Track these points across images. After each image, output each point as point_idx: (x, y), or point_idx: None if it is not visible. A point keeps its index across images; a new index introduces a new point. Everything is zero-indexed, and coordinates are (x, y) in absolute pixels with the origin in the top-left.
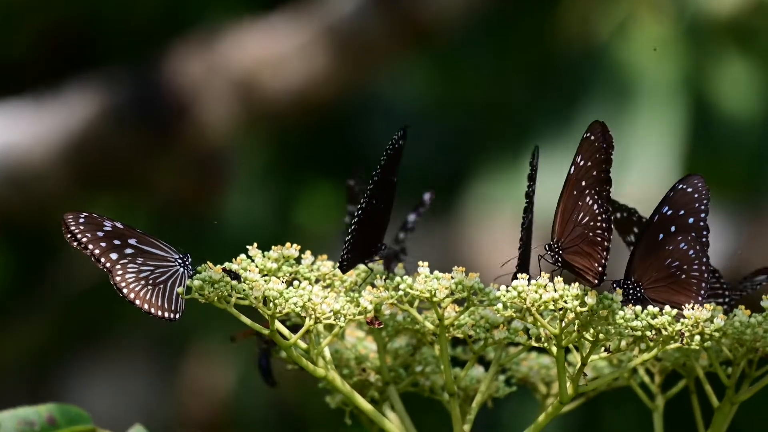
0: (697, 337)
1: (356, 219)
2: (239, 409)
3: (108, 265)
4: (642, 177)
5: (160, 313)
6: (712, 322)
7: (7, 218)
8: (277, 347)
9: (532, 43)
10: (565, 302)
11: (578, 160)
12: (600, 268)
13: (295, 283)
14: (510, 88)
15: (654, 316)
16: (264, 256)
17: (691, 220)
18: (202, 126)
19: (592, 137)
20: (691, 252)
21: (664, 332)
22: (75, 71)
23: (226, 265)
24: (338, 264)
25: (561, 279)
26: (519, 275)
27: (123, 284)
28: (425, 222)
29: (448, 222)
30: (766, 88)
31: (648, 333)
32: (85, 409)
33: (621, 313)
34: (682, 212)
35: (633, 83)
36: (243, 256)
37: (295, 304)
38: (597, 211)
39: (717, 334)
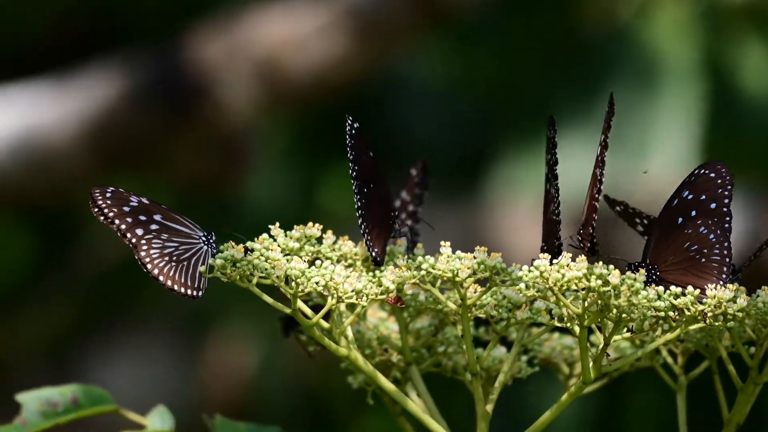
0: (720, 318)
1: (358, 211)
2: (261, 390)
3: (133, 240)
4: (662, 158)
5: (182, 290)
6: (735, 302)
7: (28, 199)
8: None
9: (553, 23)
10: (588, 281)
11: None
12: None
13: (317, 262)
14: (531, 70)
15: (677, 296)
16: (286, 236)
17: (713, 205)
18: (222, 107)
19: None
20: (711, 236)
21: (686, 312)
22: (96, 52)
23: (249, 244)
24: (372, 260)
25: (584, 258)
26: (541, 255)
27: (147, 260)
28: (448, 204)
29: (470, 204)
30: None
31: (671, 313)
32: (108, 391)
33: (644, 293)
34: (703, 197)
35: (654, 65)
36: (265, 235)
37: (317, 283)
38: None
39: (740, 315)
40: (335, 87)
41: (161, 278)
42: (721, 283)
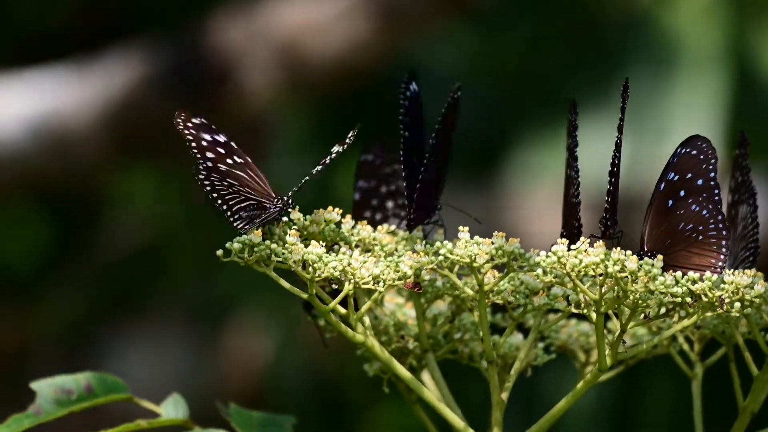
0: (737, 304)
1: (422, 178)
2: (276, 379)
3: (203, 162)
4: None
5: (232, 218)
6: (752, 288)
7: (47, 185)
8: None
9: (574, 9)
10: (606, 267)
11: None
12: (721, 263)
13: (335, 247)
14: (551, 56)
15: (694, 282)
16: (306, 220)
17: (700, 181)
18: (243, 93)
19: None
20: (704, 212)
21: (704, 299)
22: (116, 38)
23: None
24: (405, 223)
25: (602, 244)
26: (559, 240)
27: (208, 184)
28: (468, 189)
29: (489, 190)
30: None
31: (688, 299)
32: (123, 379)
33: (661, 278)
34: (689, 175)
35: (675, 51)
36: (285, 219)
37: (334, 268)
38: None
39: (757, 301)
40: (356, 72)
41: (216, 198)
42: (723, 256)
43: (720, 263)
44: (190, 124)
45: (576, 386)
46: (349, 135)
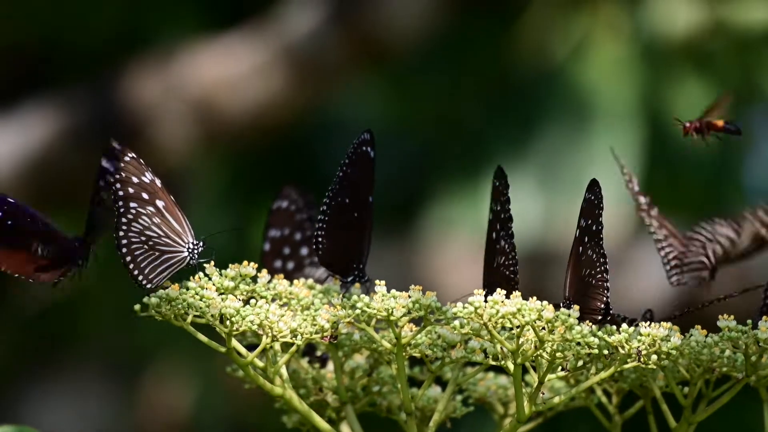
0: (654, 356)
1: (320, 223)
2: (197, 429)
3: (122, 209)
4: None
5: (138, 275)
6: (668, 340)
7: None
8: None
9: (489, 63)
10: (523, 316)
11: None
12: (603, 306)
13: (252, 301)
14: (467, 109)
15: (611, 334)
16: (221, 275)
17: (594, 227)
18: (158, 147)
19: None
20: (593, 255)
21: (620, 350)
22: (33, 90)
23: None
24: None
25: (518, 294)
26: (476, 291)
27: (122, 233)
28: (384, 243)
29: (405, 243)
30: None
31: (605, 351)
32: (41, 430)
33: (578, 328)
34: (590, 221)
35: (589, 104)
36: (200, 274)
37: (251, 322)
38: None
39: (674, 353)
40: (272, 127)
41: (126, 255)
42: (606, 298)
43: (602, 306)
44: (122, 164)
45: None
46: None
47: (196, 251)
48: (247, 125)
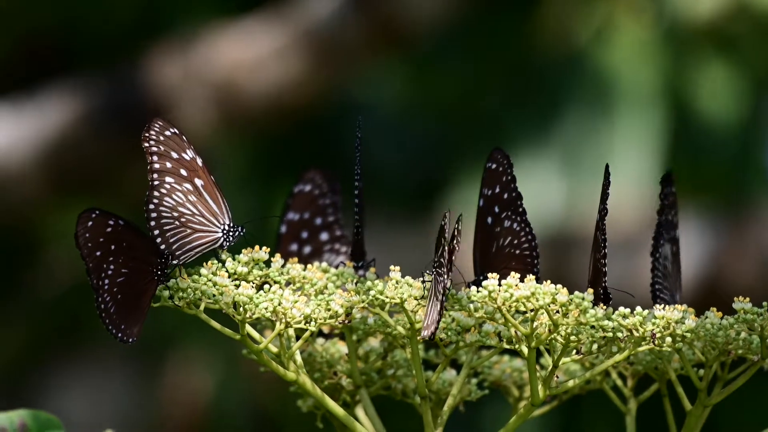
0: (669, 339)
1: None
2: (218, 415)
3: (156, 182)
4: (621, 183)
5: (164, 249)
6: (683, 323)
7: None
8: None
9: (510, 47)
10: (537, 300)
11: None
12: (602, 290)
13: (266, 287)
14: (487, 93)
15: (625, 317)
16: (234, 260)
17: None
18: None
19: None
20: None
21: (635, 333)
22: (52, 76)
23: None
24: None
25: (533, 278)
26: (490, 275)
27: (152, 206)
28: (404, 226)
29: (426, 226)
30: (745, 92)
31: (619, 334)
32: (61, 416)
33: (592, 311)
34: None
35: (612, 88)
36: (214, 259)
37: (265, 308)
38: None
39: (689, 336)
40: (292, 110)
41: (154, 228)
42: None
43: (601, 290)
44: (162, 137)
45: (509, 421)
46: None
47: (231, 234)
48: (267, 108)
